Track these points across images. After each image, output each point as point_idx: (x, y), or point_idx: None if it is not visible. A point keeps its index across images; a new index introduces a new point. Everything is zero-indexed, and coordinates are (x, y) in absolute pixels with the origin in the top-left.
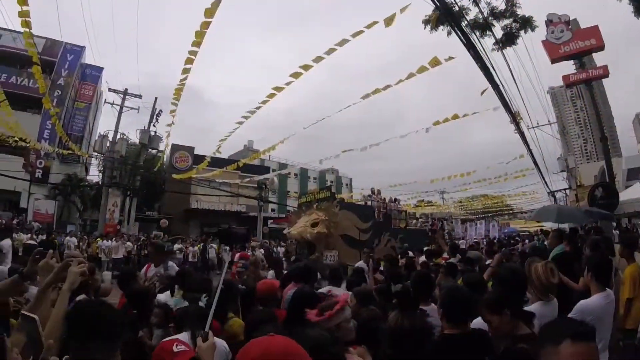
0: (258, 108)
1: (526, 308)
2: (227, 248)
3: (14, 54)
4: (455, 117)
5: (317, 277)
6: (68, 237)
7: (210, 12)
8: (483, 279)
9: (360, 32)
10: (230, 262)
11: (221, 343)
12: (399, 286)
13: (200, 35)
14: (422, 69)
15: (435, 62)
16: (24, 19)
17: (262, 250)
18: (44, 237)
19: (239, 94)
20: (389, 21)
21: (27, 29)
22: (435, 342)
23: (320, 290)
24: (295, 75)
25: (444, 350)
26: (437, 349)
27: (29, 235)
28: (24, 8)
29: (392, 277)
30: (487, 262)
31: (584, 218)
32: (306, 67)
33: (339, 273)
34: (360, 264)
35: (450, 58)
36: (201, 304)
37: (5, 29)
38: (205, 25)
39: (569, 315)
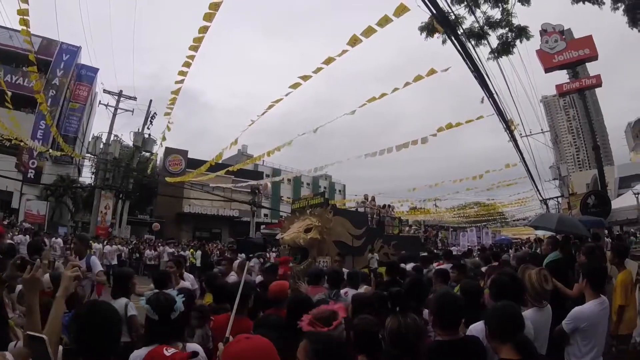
0: (256, 120)
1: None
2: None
3: (9, 52)
4: (450, 126)
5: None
6: (54, 239)
7: (209, 16)
8: (479, 286)
9: (359, 40)
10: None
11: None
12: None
13: (198, 39)
14: (418, 78)
15: (431, 72)
16: (22, 17)
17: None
18: (26, 237)
19: (235, 98)
20: (382, 22)
21: (24, 27)
22: (428, 347)
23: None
24: (295, 85)
25: (435, 356)
26: (429, 354)
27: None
28: (23, 6)
29: (391, 283)
30: (483, 268)
31: (584, 229)
32: (305, 78)
33: (357, 277)
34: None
35: (447, 69)
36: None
37: (1, 27)
38: (204, 29)
39: (564, 322)
